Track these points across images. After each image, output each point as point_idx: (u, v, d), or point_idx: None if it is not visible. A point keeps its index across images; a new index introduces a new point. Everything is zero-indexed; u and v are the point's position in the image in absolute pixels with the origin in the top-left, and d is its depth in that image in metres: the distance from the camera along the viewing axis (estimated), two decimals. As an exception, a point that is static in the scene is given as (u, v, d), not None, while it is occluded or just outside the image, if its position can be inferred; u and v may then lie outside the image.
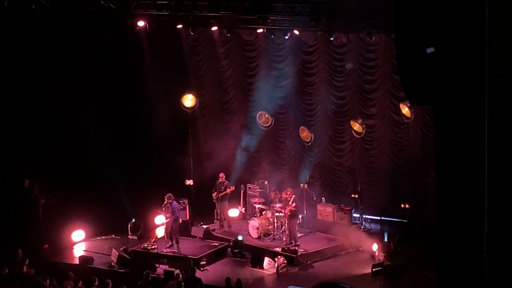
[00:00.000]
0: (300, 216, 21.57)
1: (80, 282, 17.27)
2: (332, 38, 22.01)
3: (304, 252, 20.76)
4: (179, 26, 23.02)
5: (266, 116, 23.82)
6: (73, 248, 22.07)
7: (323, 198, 23.26)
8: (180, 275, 18.11)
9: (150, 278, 17.86)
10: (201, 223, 23.57)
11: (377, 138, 23.51)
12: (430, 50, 7.50)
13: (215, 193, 22.83)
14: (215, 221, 23.61)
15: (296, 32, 22.32)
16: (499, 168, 7.37)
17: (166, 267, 19.76)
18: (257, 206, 22.62)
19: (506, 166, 7.37)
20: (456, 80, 7.71)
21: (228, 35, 23.40)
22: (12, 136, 22.80)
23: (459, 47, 7.60)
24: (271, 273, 19.89)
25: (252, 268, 20.24)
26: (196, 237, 22.36)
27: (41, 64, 22.20)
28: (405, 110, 21.68)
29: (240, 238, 21.30)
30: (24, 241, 20.37)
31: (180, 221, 21.43)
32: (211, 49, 25.28)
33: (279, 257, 20.13)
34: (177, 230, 21.28)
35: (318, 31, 22.85)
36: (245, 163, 24.89)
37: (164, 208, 21.09)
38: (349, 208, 22.66)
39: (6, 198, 22.33)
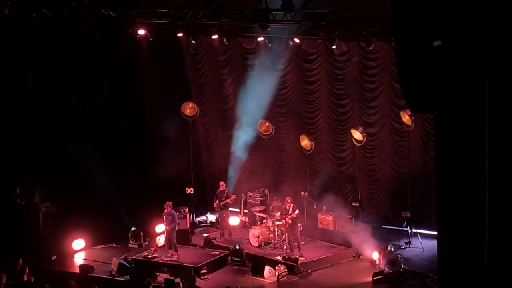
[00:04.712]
0: (299, 225, 21.52)
1: (81, 291, 17.27)
2: (334, 47, 21.99)
3: (305, 261, 20.73)
4: (180, 34, 23.07)
5: (267, 124, 23.84)
6: (73, 257, 22.02)
7: (324, 206, 23.21)
8: (181, 284, 18.08)
9: (151, 287, 17.81)
10: (202, 231, 23.58)
11: (378, 146, 23.49)
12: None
13: (217, 201, 22.81)
14: (215, 229, 23.62)
15: (296, 40, 22.34)
16: (500, 175, 7.36)
17: (166, 275, 19.71)
18: (257, 214, 22.59)
19: (507, 173, 7.36)
20: (457, 88, 7.71)
21: (227, 43, 23.48)
22: (11, 145, 22.81)
23: (459, 54, 7.60)
24: (271, 281, 19.86)
25: (253, 277, 20.20)
26: (196, 245, 22.33)
27: (41, 72, 22.20)
28: (406, 118, 21.69)
29: (237, 247, 21.25)
30: (24, 249, 20.36)
31: (176, 229, 21.36)
32: (212, 57, 25.34)
33: (279, 265, 20.08)
34: (174, 239, 21.23)
35: (319, 39, 22.88)
36: (245, 171, 24.90)
37: (164, 217, 21.10)
38: (350, 216, 22.61)
39: (6, 206, 22.35)
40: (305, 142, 23.34)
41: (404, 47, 7.84)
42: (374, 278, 19.52)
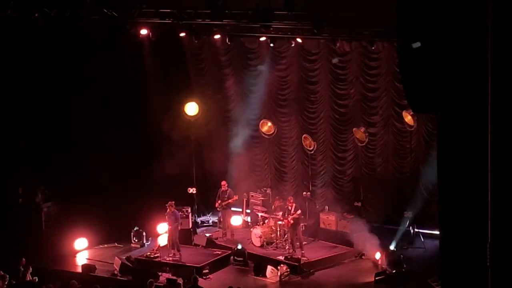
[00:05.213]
0: (302, 224, 21.51)
1: (83, 291, 17.27)
2: (338, 45, 21.99)
3: (307, 261, 20.73)
4: (182, 34, 23.05)
5: (269, 124, 23.84)
6: (75, 256, 22.02)
7: (326, 206, 23.22)
8: (182, 284, 18.09)
9: (153, 287, 17.80)
10: (204, 231, 23.58)
11: (380, 146, 23.49)
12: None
13: (219, 201, 22.80)
14: (217, 229, 23.63)
15: (299, 40, 22.34)
16: (502, 176, 7.36)
17: (168, 275, 19.71)
18: (259, 214, 22.59)
19: (509, 173, 7.36)
20: (459, 88, 7.70)
21: (229, 43, 23.45)
22: (14, 144, 22.83)
23: (462, 55, 7.60)
24: (274, 281, 19.85)
25: (255, 277, 20.20)
26: (198, 245, 22.32)
27: (42, 73, 22.22)
28: (408, 118, 21.68)
29: (239, 247, 21.25)
30: (26, 249, 20.37)
31: (179, 229, 21.38)
32: (214, 57, 25.34)
33: (282, 265, 20.07)
34: (177, 238, 21.23)
35: (321, 39, 22.87)
36: (247, 171, 24.90)
37: (166, 216, 21.11)
38: (352, 216, 22.61)
39: (8, 206, 22.37)
40: (307, 142, 23.35)
41: (406, 47, 7.83)
42: (376, 278, 19.50)
